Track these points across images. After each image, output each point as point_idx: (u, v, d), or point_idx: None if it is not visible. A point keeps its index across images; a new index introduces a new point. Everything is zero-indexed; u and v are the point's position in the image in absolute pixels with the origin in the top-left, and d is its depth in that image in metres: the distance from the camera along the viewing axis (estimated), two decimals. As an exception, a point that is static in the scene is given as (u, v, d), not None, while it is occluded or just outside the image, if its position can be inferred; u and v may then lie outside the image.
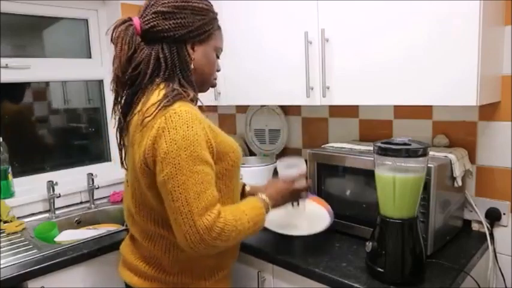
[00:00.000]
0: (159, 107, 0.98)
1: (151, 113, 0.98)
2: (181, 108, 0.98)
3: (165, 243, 1.10)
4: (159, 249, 1.11)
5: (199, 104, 1.15)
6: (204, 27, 1.08)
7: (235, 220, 1.00)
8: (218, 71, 1.22)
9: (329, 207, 1.42)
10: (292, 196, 1.25)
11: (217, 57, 1.18)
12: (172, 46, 1.06)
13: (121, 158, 1.16)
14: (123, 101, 1.10)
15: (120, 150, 1.16)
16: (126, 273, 1.19)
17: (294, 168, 1.28)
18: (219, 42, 1.16)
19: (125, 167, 1.16)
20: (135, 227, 1.16)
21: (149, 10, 1.07)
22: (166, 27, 1.04)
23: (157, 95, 1.02)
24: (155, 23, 1.04)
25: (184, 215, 0.94)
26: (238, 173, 1.17)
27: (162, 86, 1.04)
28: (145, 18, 1.06)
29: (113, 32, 1.07)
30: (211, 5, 1.13)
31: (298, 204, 1.30)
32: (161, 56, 1.05)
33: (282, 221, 1.34)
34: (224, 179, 1.09)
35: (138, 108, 1.05)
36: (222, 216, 0.98)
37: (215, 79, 1.22)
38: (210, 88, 1.27)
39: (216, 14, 1.14)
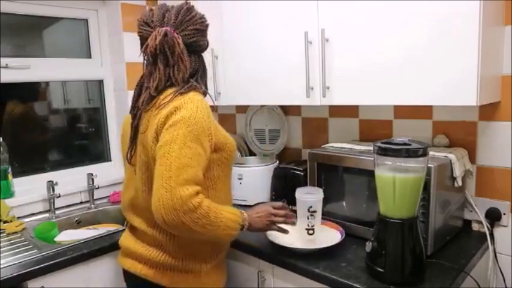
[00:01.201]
0: (176, 93, 1.14)
1: (169, 98, 1.13)
2: (195, 96, 1.14)
3: None
4: (165, 235, 1.19)
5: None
6: (208, 42, 1.28)
7: (209, 209, 1.06)
8: None
9: (341, 228, 1.43)
10: (269, 218, 1.27)
11: None
12: (199, 57, 1.25)
13: (130, 151, 1.25)
14: (141, 101, 1.20)
15: (131, 147, 1.24)
16: (128, 262, 1.26)
17: (312, 194, 1.35)
18: None
19: (128, 159, 1.25)
20: (139, 217, 1.26)
21: (187, 25, 1.19)
22: (202, 42, 1.24)
23: (172, 89, 1.17)
24: (196, 38, 1.21)
25: (165, 179, 1.02)
26: (233, 162, 1.29)
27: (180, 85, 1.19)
28: (185, 33, 1.19)
29: (160, 43, 1.15)
30: None
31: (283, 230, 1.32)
32: (192, 64, 1.21)
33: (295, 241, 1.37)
34: (222, 166, 1.23)
35: (149, 104, 1.19)
36: (200, 198, 1.04)
37: None
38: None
39: None
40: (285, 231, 1.31)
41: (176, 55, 1.15)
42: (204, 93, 1.22)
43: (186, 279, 1.21)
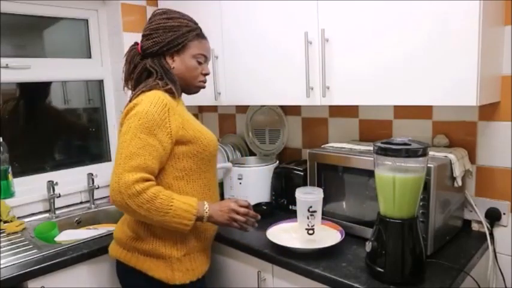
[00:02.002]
0: (138, 92, 1.27)
1: (133, 97, 1.27)
2: (152, 93, 1.24)
3: None
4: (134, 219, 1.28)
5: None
6: (177, 41, 1.32)
7: (155, 196, 1.14)
8: (205, 74, 1.41)
9: (341, 228, 1.43)
10: (230, 213, 1.26)
11: (199, 63, 1.37)
12: (154, 59, 1.32)
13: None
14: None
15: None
16: (112, 247, 1.38)
17: (312, 194, 1.35)
18: (197, 50, 1.36)
19: None
20: None
21: (143, 33, 1.36)
22: (147, 45, 1.32)
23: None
24: (143, 43, 1.34)
25: (116, 166, 1.16)
26: (213, 159, 1.36)
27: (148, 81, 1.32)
28: (141, 39, 1.36)
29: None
30: (186, 21, 1.35)
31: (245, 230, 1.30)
32: (149, 67, 1.31)
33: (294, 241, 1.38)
34: (195, 159, 1.29)
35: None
36: (146, 184, 1.14)
37: (202, 81, 1.42)
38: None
39: (192, 27, 1.35)
40: (245, 230, 1.29)
41: (127, 62, 1.37)
42: (170, 91, 1.29)
43: (157, 265, 1.27)
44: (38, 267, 1.34)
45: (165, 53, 1.33)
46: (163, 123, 1.20)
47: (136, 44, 1.36)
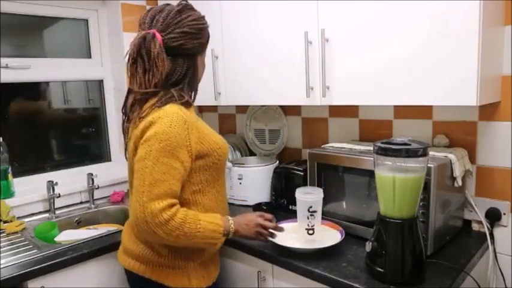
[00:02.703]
0: (153, 107, 1.16)
1: (146, 112, 1.16)
2: (170, 109, 1.15)
3: None
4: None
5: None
6: (207, 42, 1.28)
7: (183, 221, 1.10)
8: None
9: (341, 228, 1.43)
10: (256, 228, 1.28)
11: None
12: (189, 60, 1.22)
13: (125, 150, 1.30)
14: (129, 104, 1.25)
15: (125, 144, 1.30)
16: (122, 258, 1.31)
17: (312, 194, 1.34)
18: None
19: (126, 157, 1.29)
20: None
21: (173, 28, 1.18)
22: (191, 46, 1.20)
23: (155, 99, 1.18)
24: (183, 41, 1.18)
25: (138, 193, 1.09)
26: (224, 166, 1.32)
27: (161, 93, 1.19)
28: (171, 36, 1.17)
29: (137, 46, 1.18)
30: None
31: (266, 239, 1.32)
32: (178, 68, 1.20)
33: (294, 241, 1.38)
34: (210, 170, 1.23)
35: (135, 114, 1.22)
36: (172, 211, 1.10)
37: None
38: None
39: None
40: (267, 241, 1.33)
41: (152, 59, 1.15)
42: (187, 103, 1.21)
43: (174, 275, 1.23)
44: (38, 267, 1.34)
45: (199, 54, 1.25)
46: (184, 143, 1.13)
47: (152, 35, 1.16)
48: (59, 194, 1.89)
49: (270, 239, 1.33)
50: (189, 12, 1.21)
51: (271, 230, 1.31)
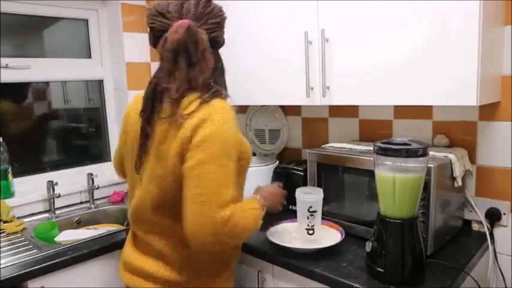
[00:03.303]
0: (200, 102, 1.03)
1: (193, 107, 1.02)
2: (220, 104, 1.05)
3: (176, 239, 1.11)
4: (171, 248, 1.12)
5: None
6: None
7: (245, 219, 1.03)
8: None
9: (341, 228, 1.43)
10: (280, 198, 1.35)
11: None
12: (216, 53, 1.15)
13: (140, 160, 1.12)
14: (165, 105, 1.07)
15: (140, 155, 1.11)
16: (127, 276, 1.20)
17: (312, 194, 1.34)
18: None
19: (137, 168, 1.13)
20: (142, 228, 1.18)
21: (207, 18, 1.08)
22: (221, 37, 1.14)
23: (196, 95, 1.05)
24: (217, 33, 1.10)
25: (199, 203, 0.96)
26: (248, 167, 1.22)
27: (203, 88, 1.07)
28: (206, 26, 1.07)
29: (183, 38, 1.02)
30: None
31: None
32: (218, 61, 1.14)
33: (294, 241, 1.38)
34: (239, 174, 1.12)
35: (168, 112, 1.05)
36: (235, 213, 1.00)
37: None
38: None
39: None
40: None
41: (199, 52, 1.03)
42: (226, 97, 1.10)
43: (204, 274, 1.15)
44: (38, 267, 1.33)
45: (221, 46, 1.17)
46: (235, 142, 1.04)
47: (189, 25, 1.02)
48: (59, 194, 1.89)
49: (271, 238, 1.34)
50: (214, 2, 1.12)
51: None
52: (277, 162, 1.93)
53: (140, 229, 1.19)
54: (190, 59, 1.03)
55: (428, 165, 1.20)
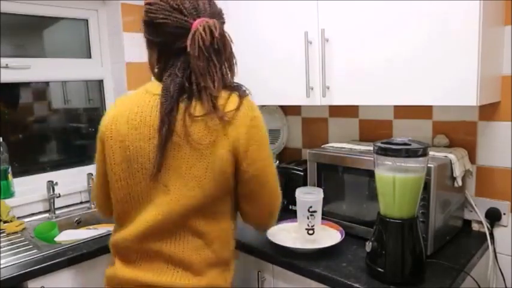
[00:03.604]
0: (241, 99, 1.01)
1: (232, 103, 1.00)
2: (252, 101, 1.05)
3: (204, 240, 1.05)
4: (192, 248, 1.04)
5: None
6: None
7: None
8: None
9: (341, 228, 1.43)
10: None
11: None
12: None
13: (159, 165, 1.01)
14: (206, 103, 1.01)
15: (162, 153, 1.00)
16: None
17: (312, 194, 1.34)
18: None
19: (154, 174, 1.02)
20: (163, 237, 1.05)
21: (218, 18, 1.06)
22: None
23: (225, 92, 1.02)
24: (227, 34, 1.07)
25: (277, 196, 1.13)
26: None
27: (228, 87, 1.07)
28: (220, 23, 1.05)
29: (219, 36, 1.02)
30: None
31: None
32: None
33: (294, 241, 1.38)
34: None
35: (204, 109, 0.99)
36: None
37: None
38: None
39: None
40: None
41: (228, 51, 1.03)
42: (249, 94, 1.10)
43: (224, 276, 1.09)
44: (38, 267, 1.33)
45: None
46: None
47: (219, 24, 1.03)
48: (59, 194, 1.89)
49: (270, 238, 1.33)
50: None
51: None
52: (277, 162, 1.93)
53: (154, 243, 1.06)
54: (221, 57, 1.02)
55: (428, 165, 1.20)
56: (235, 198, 1.09)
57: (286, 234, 1.44)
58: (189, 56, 0.98)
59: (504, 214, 1.44)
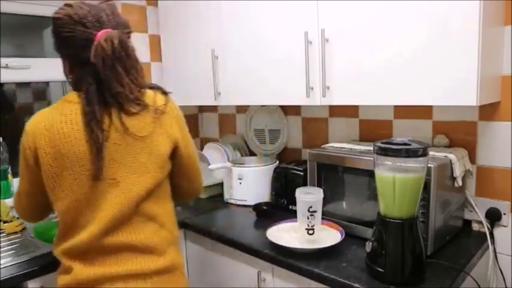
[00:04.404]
0: (164, 95, 1.19)
1: (160, 100, 1.17)
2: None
3: (160, 222, 1.17)
4: (153, 232, 1.14)
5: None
6: None
7: None
8: None
9: (341, 228, 1.43)
10: None
11: None
12: None
13: (100, 167, 1.07)
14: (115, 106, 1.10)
15: (101, 160, 1.07)
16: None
17: (312, 194, 1.35)
18: None
19: (97, 174, 1.07)
20: (124, 228, 1.11)
21: (123, 28, 1.15)
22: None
23: (149, 91, 1.16)
24: (130, 43, 1.18)
25: (200, 169, 1.31)
26: None
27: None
28: (122, 33, 1.14)
29: (118, 46, 1.08)
30: None
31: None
32: None
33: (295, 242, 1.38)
34: None
35: (135, 109, 1.11)
36: None
37: None
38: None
39: None
40: None
41: (133, 58, 1.10)
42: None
43: (180, 253, 1.24)
44: (37, 267, 1.33)
45: None
46: None
47: (119, 34, 1.10)
48: (59, 194, 1.89)
49: (270, 238, 1.33)
50: (121, 14, 1.18)
51: None
52: (277, 162, 1.93)
53: (116, 237, 1.10)
54: (125, 64, 1.08)
55: (428, 165, 1.20)
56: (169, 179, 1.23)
57: (286, 234, 1.44)
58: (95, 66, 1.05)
59: (504, 214, 1.44)
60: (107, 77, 1.06)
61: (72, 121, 1.07)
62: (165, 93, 1.20)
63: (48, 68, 2.02)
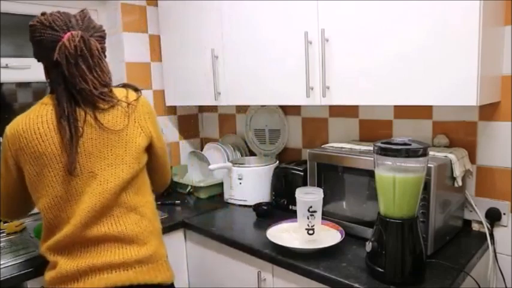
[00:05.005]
0: (136, 91, 1.29)
1: (132, 95, 1.25)
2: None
3: (140, 212, 1.22)
4: (134, 222, 1.19)
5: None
6: None
7: None
8: None
9: (341, 228, 1.43)
10: None
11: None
12: None
13: (75, 162, 1.11)
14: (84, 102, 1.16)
15: (75, 156, 1.12)
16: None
17: (312, 194, 1.35)
18: None
19: (71, 169, 1.11)
20: (105, 219, 1.15)
21: (94, 31, 1.24)
22: (105, 49, 1.35)
23: (118, 87, 1.27)
24: (103, 45, 1.32)
25: (169, 165, 1.41)
26: None
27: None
28: (94, 38, 1.24)
29: (79, 44, 1.15)
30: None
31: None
32: None
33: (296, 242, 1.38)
34: None
35: (107, 104, 1.18)
36: None
37: None
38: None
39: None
40: None
41: (96, 56, 1.17)
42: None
43: (164, 246, 1.28)
44: (37, 267, 1.33)
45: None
46: None
47: (82, 34, 1.16)
48: (59, 194, 1.89)
49: (270, 238, 1.33)
50: (93, 19, 1.27)
51: None
52: (277, 162, 1.93)
53: (97, 229, 1.14)
54: (89, 62, 1.15)
55: (428, 165, 1.20)
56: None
57: (286, 234, 1.44)
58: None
59: (504, 214, 1.44)
60: (71, 74, 1.11)
61: (48, 121, 1.13)
62: (137, 90, 1.27)
63: (48, 68, 2.02)
